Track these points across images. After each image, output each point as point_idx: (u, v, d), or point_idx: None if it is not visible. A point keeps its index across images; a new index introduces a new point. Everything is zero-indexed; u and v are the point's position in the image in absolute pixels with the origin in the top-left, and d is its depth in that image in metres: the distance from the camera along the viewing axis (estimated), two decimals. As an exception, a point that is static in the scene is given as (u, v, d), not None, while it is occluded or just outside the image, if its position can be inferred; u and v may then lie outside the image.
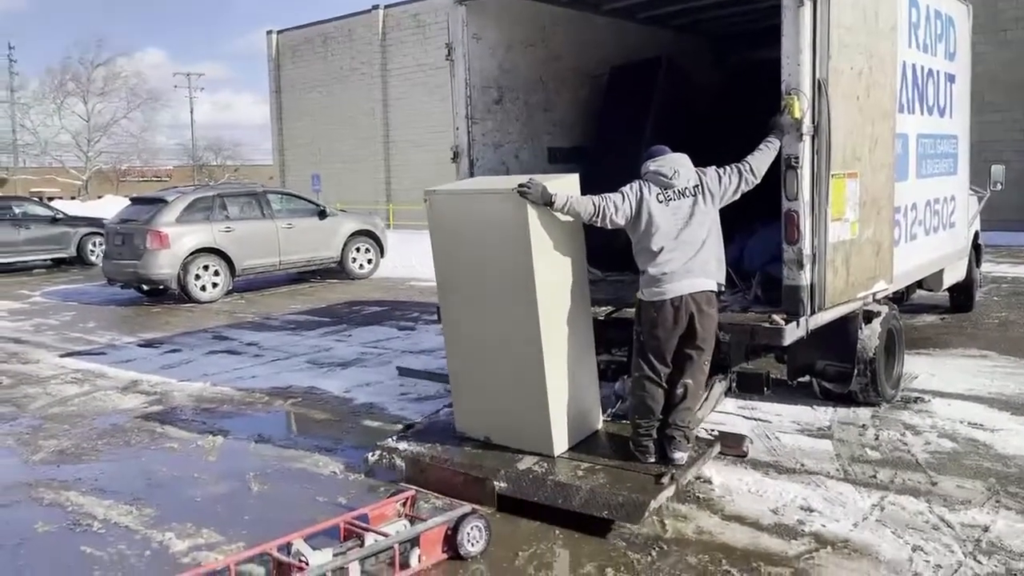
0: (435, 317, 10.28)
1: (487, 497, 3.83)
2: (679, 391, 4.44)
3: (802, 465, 4.83)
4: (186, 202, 12.55)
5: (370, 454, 4.98)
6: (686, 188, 4.34)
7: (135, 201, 13.87)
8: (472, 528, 3.75)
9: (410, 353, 8.31)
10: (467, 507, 3.84)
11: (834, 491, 4.43)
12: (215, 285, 12.52)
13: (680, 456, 4.39)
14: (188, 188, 14.24)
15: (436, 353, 8.15)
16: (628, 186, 4.40)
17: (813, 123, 4.48)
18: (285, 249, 13.30)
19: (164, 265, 12.10)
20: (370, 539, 3.71)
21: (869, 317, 5.56)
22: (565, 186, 4.43)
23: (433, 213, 4.82)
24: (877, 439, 5.22)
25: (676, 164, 4.39)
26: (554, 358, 4.47)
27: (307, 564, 3.44)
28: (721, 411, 5.60)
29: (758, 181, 4.48)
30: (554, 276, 4.46)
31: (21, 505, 4.66)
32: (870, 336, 5.56)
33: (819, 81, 4.46)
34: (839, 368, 5.49)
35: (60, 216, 18.80)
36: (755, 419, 5.66)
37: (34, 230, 17.84)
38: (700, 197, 4.34)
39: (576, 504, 4.08)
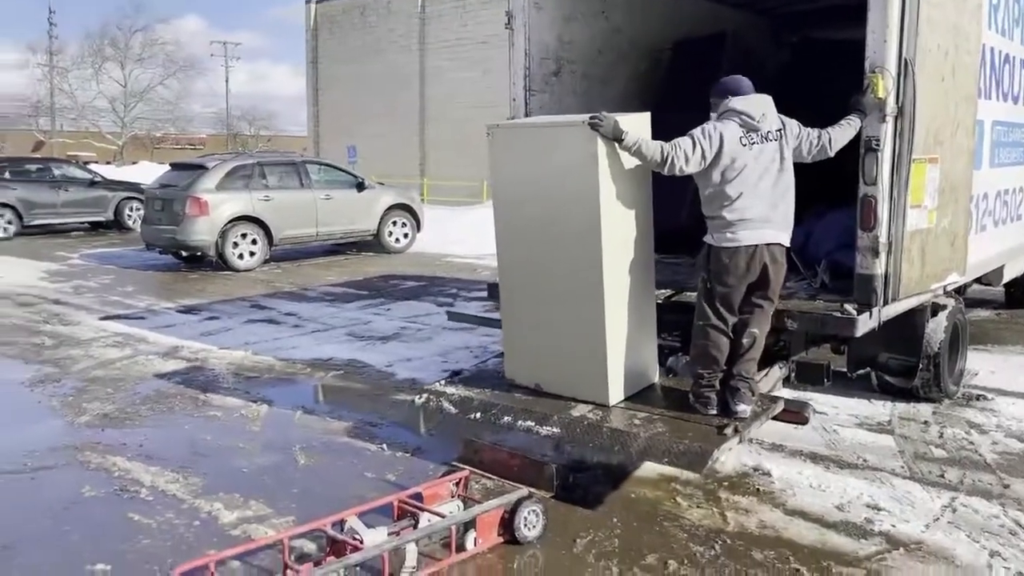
0: (473, 294, 10.30)
1: (544, 481, 3.71)
2: (745, 340, 4.24)
3: (864, 460, 4.66)
4: (226, 169, 12.50)
5: (417, 397, 4.88)
6: (770, 132, 4.13)
7: (175, 167, 13.85)
8: (529, 512, 3.63)
9: (449, 329, 8.19)
10: (524, 490, 3.71)
11: (901, 489, 4.26)
12: (252, 254, 12.48)
13: (744, 409, 4.20)
14: (228, 155, 14.19)
15: (477, 330, 8.03)
16: (700, 129, 4.14)
17: (897, 104, 4.26)
18: (322, 220, 13.22)
19: (202, 232, 12.07)
20: (424, 519, 3.60)
21: (936, 310, 5.36)
22: (637, 125, 4.23)
23: (495, 149, 4.65)
24: (941, 437, 5.02)
25: (763, 105, 4.18)
26: (614, 304, 4.31)
27: (362, 542, 3.34)
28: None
29: (831, 154, 4.28)
30: (619, 219, 4.29)
31: (67, 468, 4.61)
32: (936, 330, 5.35)
33: (905, 60, 4.23)
34: (903, 362, 5.29)
35: (98, 180, 18.86)
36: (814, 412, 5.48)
37: (72, 193, 17.92)
38: (784, 143, 4.13)
39: (634, 451, 3.96)
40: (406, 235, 14.49)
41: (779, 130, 4.16)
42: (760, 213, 4.10)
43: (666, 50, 6.93)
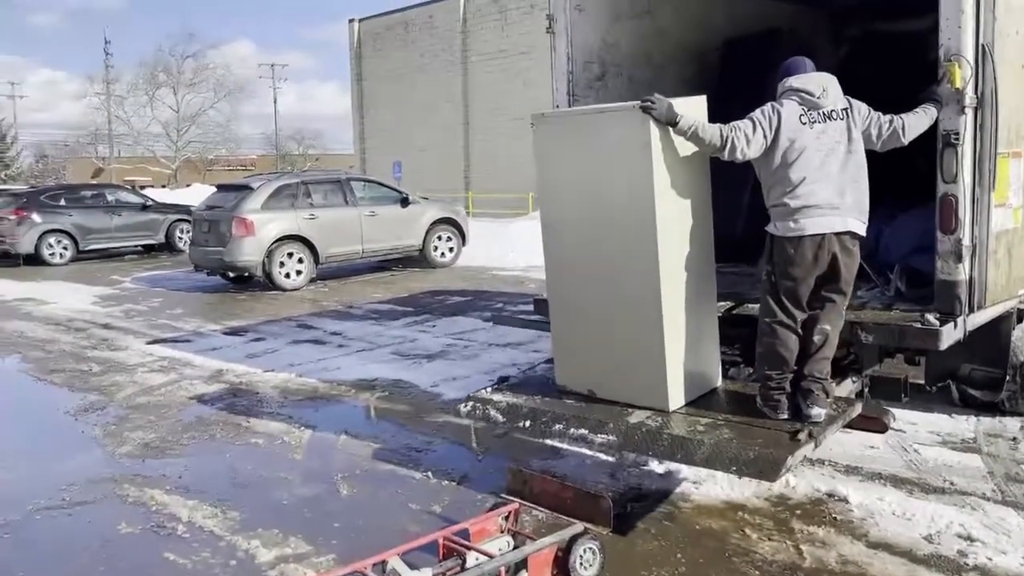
0: (519, 307, 10.03)
1: (601, 516, 3.42)
2: (816, 338, 3.90)
3: (951, 484, 4.27)
4: (271, 189, 12.46)
5: (463, 405, 4.66)
6: (834, 111, 3.80)
7: (221, 188, 13.89)
8: (585, 550, 3.35)
9: (496, 346, 7.95)
10: (579, 526, 3.43)
11: (994, 516, 3.87)
12: (299, 272, 12.42)
13: (818, 412, 3.85)
14: (273, 175, 14.20)
15: (524, 347, 7.79)
16: (759, 111, 3.85)
17: (976, 94, 3.90)
18: (368, 237, 13.11)
19: (249, 252, 12.04)
20: (472, 558, 3.34)
21: (1021, 316, 4.93)
22: (692, 108, 3.94)
23: (540, 140, 4.38)
24: (1033, 455, 4.61)
25: (823, 81, 3.86)
26: (672, 302, 4.03)
27: (404, 586, 3.09)
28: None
29: (905, 142, 3.91)
30: (676, 211, 4.01)
31: (105, 502, 4.45)
32: (1022, 338, 4.93)
33: (983, 46, 3.87)
34: (988, 373, 4.88)
35: (150, 203, 19.11)
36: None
37: (125, 217, 18.16)
38: (851, 123, 3.80)
39: (698, 459, 3.67)
40: (451, 249, 14.31)
41: (845, 109, 3.82)
42: (826, 199, 3.76)
43: (716, 50, 6.60)
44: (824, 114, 3.80)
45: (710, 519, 3.97)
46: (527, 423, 4.33)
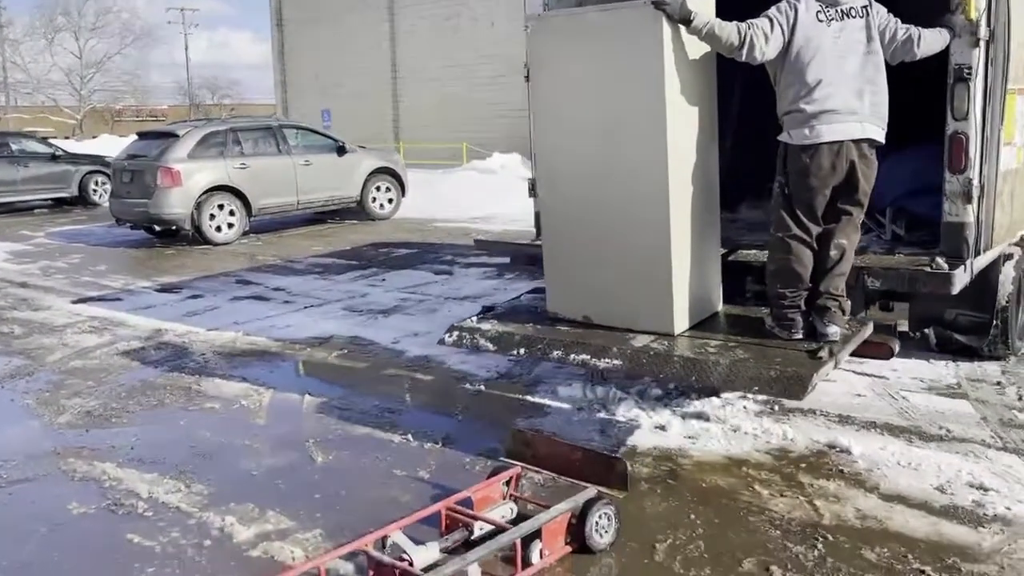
0: (471, 260, 9.70)
1: (616, 478, 3.19)
2: (833, 252, 3.76)
3: (948, 431, 4.19)
4: (198, 137, 11.71)
5: (447, 335, 4.44)
6: (853, 8, 3.60)
7: (143, 136, 13.00)
8: (601, 516, 3.11)
9: (453, 299, 7.63)
10: (591, 490, 3.18)
11: (1000, 464, 3.79)
12: (231, 226, 11.77)
13: (835, 331, 3.74)
14: (199, 121, 13.36)
15: (482, 300, 7.47)
16: (774, 8, 3.63)
17: (989, 27, 3.72)
18: (303, 187, 12.50)
19: (176, 204, 11.33)
20: (477, 528, 3.08)
21: (1004, 259, 4.87)
22: (703, 6, 3.71)
23: (535, 45, 4.09)
24: (1021, 399, 4.57)
25: None
26: (680, 219, 3.85)
27: (411, 564, 2.80)
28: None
29: (917, 55, 3.74)
30: (686, 121, 3.80)
31: (50, 480, 4.01)
32: (1004, 281, 4.87)
33: (999, -27, 3.69)
34: (974, 318, 4.81)
35: (60, 154, 17.85)
36: (868, 375, 5.00)
37: (33, 168, 16.94)
38: (870, 22, 3.60)
39: (715, 379, 3.55)
40: (391, 200, 13.80)
41: (864, 7, 3.62)
42: (843, 103, 3.56)
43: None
44: (843, 11, 3.60)
45: (715, 476, 3.78)
46: (521, 350, 4.14)
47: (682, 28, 3.60)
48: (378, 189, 13.60)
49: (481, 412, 4.73)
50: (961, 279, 3.79)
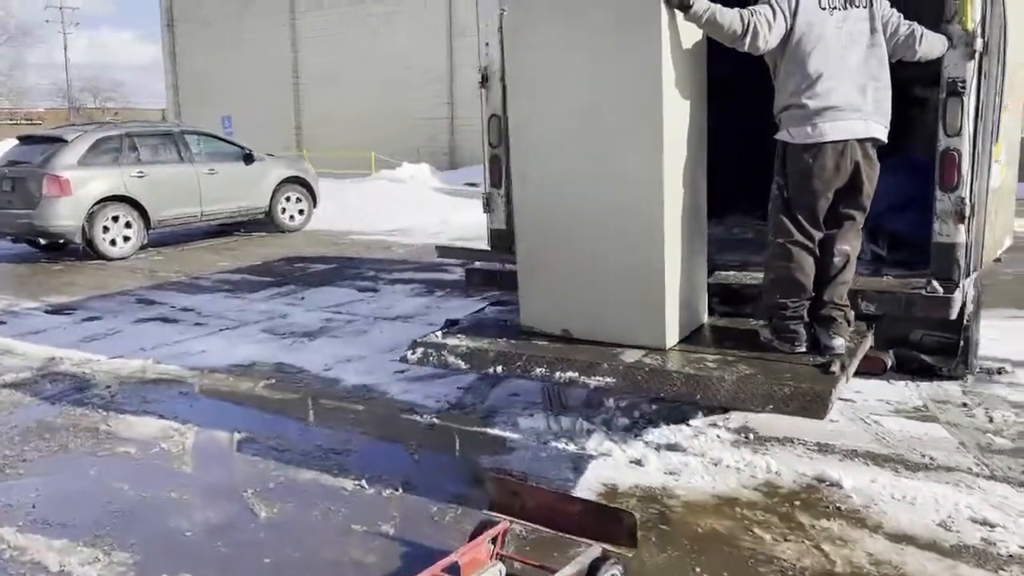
0: (396, 276, 9.21)
1: (624, 535, 2.83)
2: (837, 260, 3.54)
3: (932, 459, 4.03)
4: (89, 142, 10.80)
5: (410, 352, 4.06)
6: None
7: (25, 140, 11.89)
8: (609, 578, 2.75)
9: (384, 319, 7.15)
10: (595, 548, 2.82)
11: (994, 495, 3.64)
12: (127, 239, 10.89)
13: (840, 343, 3.52)
14: (90, 125, 12.36)
15: (416, 320, 7.05)
16: None
17: (983, 38, 3.58)
18: (207, 197, 11.71)
19: (65, 215, 10.40)
20: (468, 598, 2.66)
21: (966, 278, 4.80)
22: None
23: (512, 32, 3.75)
24: (992, 421, 4.48)
25: None
26: (673, 223, 3.57)
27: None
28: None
29: (917, 55, 3.57)
30: (681, 118, 3.55)
31: (-68, 551, 3.36)
32: (967, 301, 4.79)
33: (995, -18, 3.55)
34: (942, 339, 4.70)
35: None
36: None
37: None
38: (874, 13, 3.40)
39: (722, 397, 3.27)
40: (301, 211, 13.13)
41: None
42: (847, 98, 3.35)
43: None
44: (846, 0, 3.38)
45: (708, 518, 3.48)
46: (498, 368, 3.78)
47: (679, 15, 3.31)
48: (288, 200, 12.91)
49: (439, 449, 4.31)
50: (957, 303, 3.64)
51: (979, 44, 3.55)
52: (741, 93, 5.14)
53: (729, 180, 4.28)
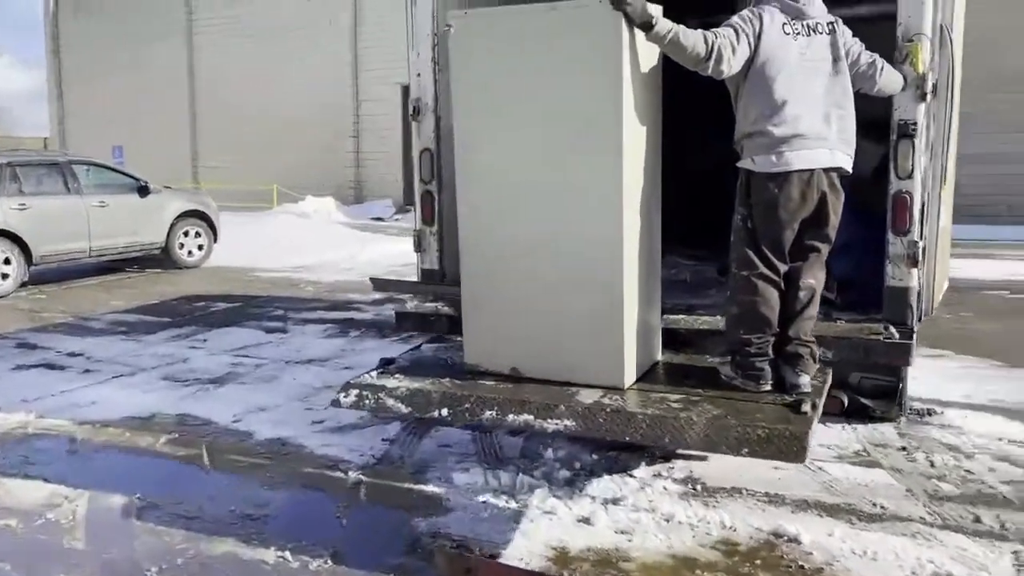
0: (305, 315, 8.74)
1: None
2: (802, 294, 3.43)
3: (883, 508, 3.92)
4: (-36, 171, 9.92)
5: (343, 395, 3.76)
6: (820, 24, 3.31)
7: None
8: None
9: (296, 363, 6.71)
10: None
11: (953, 546, 3.54)
12: (4, 276, 10.03)
13: (806, 381, 3.40)
14: (-35, 154, 11.40)
15: (330, 363, 6.65)
16: (737, 17, 3.28)
17: (933, 80, 3.55)
18: (97, 232, 10.93)
19: (-66, 251, 9.48)
20: None
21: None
22: (659, 11, 3.28)
23: (459, 51, 3.51)
24: (933, 466, 4.42)
25: None
26: (631, 255, 3.40)
27: None
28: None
29: (875, 88, 3.52)
30: (640, 144, 3.39)
31: None
32: (914, 343, 4.78)
33: (942, 26, 3.53)
34: (880, 382, 4.64)
35: None
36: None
37: None
38: (837, 40, 3.31)
39: (692, 441, 3.09)
40: (201, 247, 12.44)
41: (831, 23, 3.34)
42: (812, 127, 3.25)
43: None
44: (809, 27, 3.30)
45: (669, 584, 3.25)
46: (443, 411, 3.52)
47: (639, 35, 3.14)
48: (186, 234, 12.21)
49: (369, 511, 3.94)
50: (915, 349, 3.55)
51: (929, 86, 3.52)
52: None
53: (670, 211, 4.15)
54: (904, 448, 4.67)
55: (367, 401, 3.66)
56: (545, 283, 3.52)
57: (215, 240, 12.64)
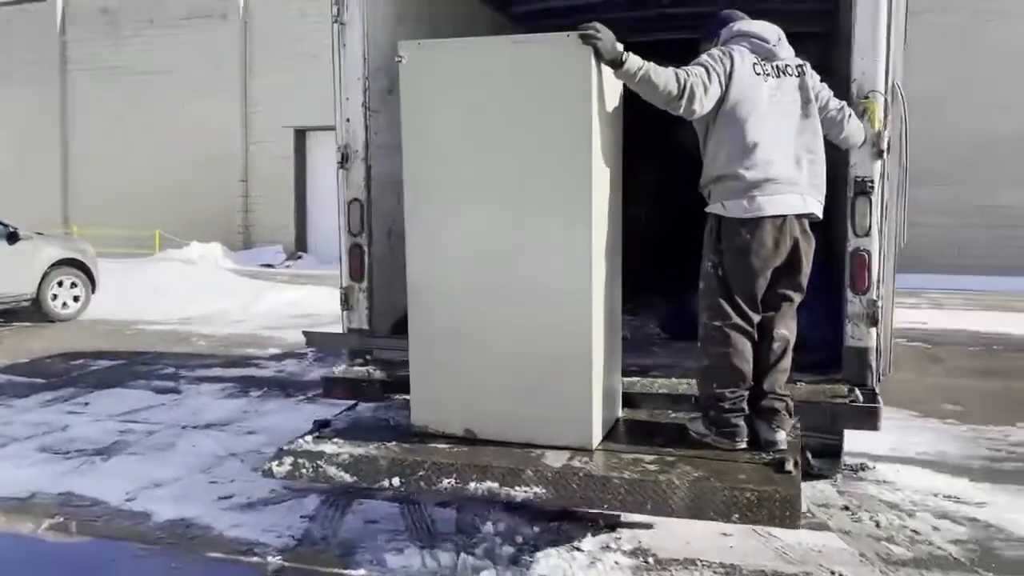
0: (200, 373, 8.09)
1: None
2: (776, 346, 3.29)
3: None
4: None
5: (275, 463, 3.39)
6: (789, 66, 3.21)
7: None
8: None
9: (194, 428, 6.13)
10: None
11: (920, 616, 3.43)
12: None
13: (783, 438, 3.24)
14: None
15: (233, 427, 6.12)
16: (706, 55, 3.15)
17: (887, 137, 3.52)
18: (-43, 282, 9.93)
19: None
20: None
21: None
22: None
23: (413, 86, 3.25)
24: (879, 527, 4.35)
25: (777, 30, 3.27)
26: (599, 306, 3.21)
27: None
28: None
29: (839, 137, 3.44)
30: (605, 188, 3.21)
31: None
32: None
33: (895, 84, 3.51)
34: (828, 441, 4.53)
35: None
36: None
37: None
38: (806, 83, 3.22)
39: (677, 508, 2.89)
40: (76, 298, 11.48)
41: (800, 66, 3.25)
42: (783, 172, 3.14)
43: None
44: (779, 68, 3.20)
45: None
46: (394, 480, 3.17)
47: (607, 72, 2.97)
48: (60, 284, 11.26)
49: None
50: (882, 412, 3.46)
51: (885, 143, 3.49)
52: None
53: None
54: (847, 507, 4.59)
55: (304, 470, 3.28)
56: (504, 336, 3.28)
57: (93, 290, 11.71)
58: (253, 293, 13.54)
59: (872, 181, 3.48)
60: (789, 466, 3.04)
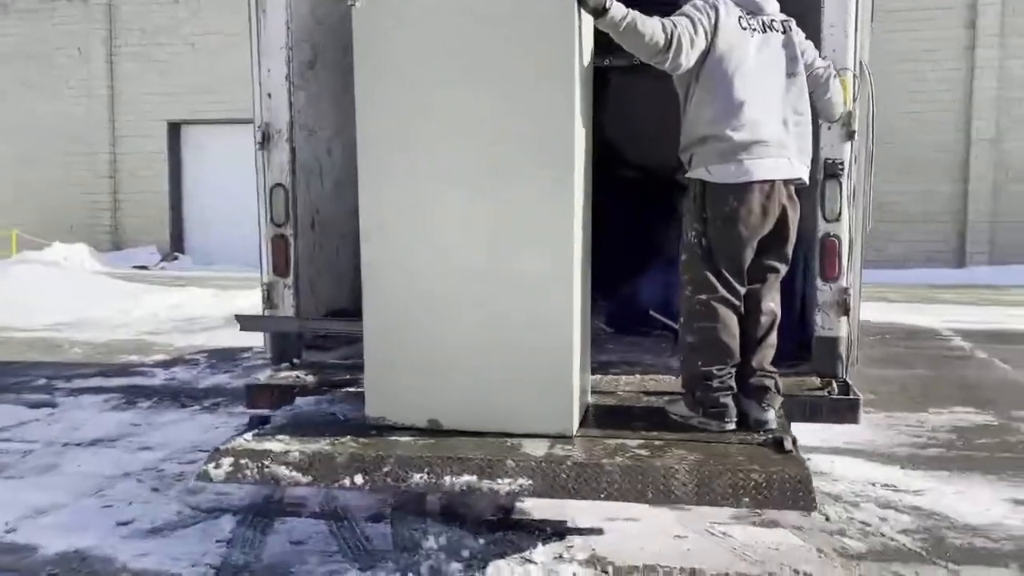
0: (78, 384, 7.31)
1: None
2: (764, 319, 3.12)
3: (807, 574, 3.65)
4: None
5: (212, 465, 3.00)
6: (775, 21, 3.03)
7: None
8: None
9: (76, 445, 5.48)
10: None
11: (895, 612, 3.33)
12: None
13: (773, 417, 3.09)
14: None
15: (123, 443, 5.52)
16: (690, 5, 2.93)
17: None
18: None
19: None
20: None
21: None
22: None
23: (367, 25, 2.88)
24: (828, 520, 4.26)
25: None
26: (581, 286, 3.03)
27: None
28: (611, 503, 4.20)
29: (823, 99, 3.26)
30: (586, 151, 2.99)
31: None
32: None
33: (861, 62, 3.40)
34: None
35: None
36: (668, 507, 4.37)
37: None
38: (793, 40, 3.05)
39: (682, 494, 2.68)
40: (-75, 303, 10.32)
41: (785, 22, 3.07)
42: (772, 134, 2.95)
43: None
44: (764, 23, 3.02)
45: None
46: (356, 478, 2.84)
47: (588, 21, 2.74)
48: (-94, 288, 10.08)
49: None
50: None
51: (856, 124, 3.37)
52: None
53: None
54: (793, 503, 4.50)
55: (249, 471, 2.88)
56: (474, 318, 2.99)
57: (-53, 294, 10.55)
58: (132, 297, 12.59)
59: (842, 163, 3.37)
60: (788, 445, 2.88)
